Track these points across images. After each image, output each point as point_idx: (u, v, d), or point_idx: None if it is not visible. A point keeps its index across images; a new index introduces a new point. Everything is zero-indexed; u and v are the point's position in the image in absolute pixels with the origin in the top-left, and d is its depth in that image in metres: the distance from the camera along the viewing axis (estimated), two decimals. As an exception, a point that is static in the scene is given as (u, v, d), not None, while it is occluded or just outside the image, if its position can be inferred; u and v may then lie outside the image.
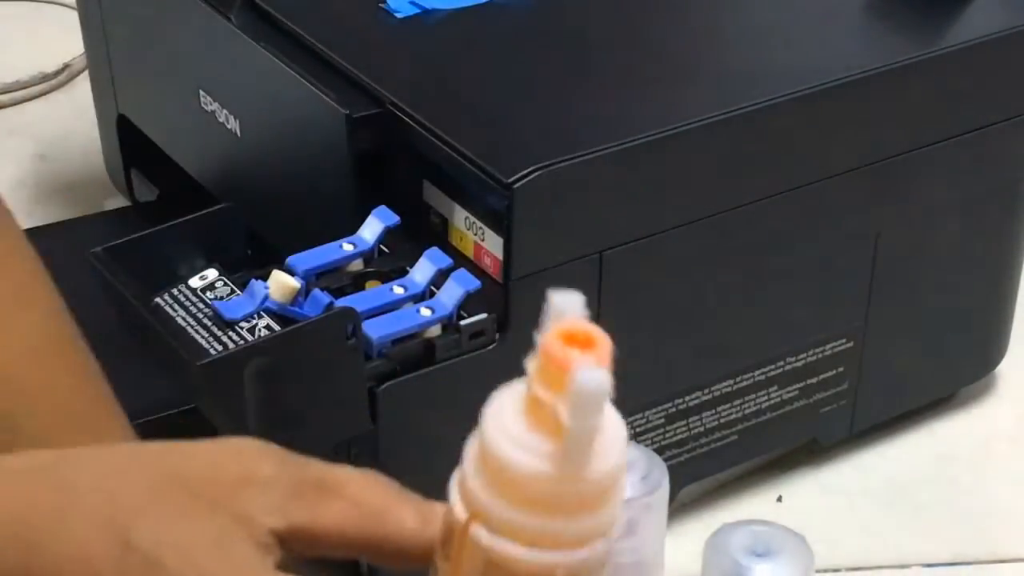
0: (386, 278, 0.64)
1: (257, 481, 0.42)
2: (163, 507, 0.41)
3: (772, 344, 0.73)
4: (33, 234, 0.85)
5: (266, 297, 0.61)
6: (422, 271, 0.64)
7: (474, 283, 0.63)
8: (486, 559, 0.41)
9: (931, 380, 0.81)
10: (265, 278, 0.62)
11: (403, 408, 0.63)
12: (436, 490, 0.66)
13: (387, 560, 0.44)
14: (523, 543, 0.41)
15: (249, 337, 0.60)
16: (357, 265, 0.65)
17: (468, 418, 0.65)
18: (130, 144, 0.89)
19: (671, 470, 0.61)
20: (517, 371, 0.65)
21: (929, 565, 0.75)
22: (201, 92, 0.76)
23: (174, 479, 0.42)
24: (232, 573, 0.41)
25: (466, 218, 0.65)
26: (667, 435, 0.72)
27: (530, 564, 0.41)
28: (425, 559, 0.43)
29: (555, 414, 0.40)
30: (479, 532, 0.41)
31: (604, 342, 0.40)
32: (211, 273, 0.64)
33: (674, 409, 0.71)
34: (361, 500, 0.44)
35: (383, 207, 0.66)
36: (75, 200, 0.98)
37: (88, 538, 0.41)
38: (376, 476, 0.44)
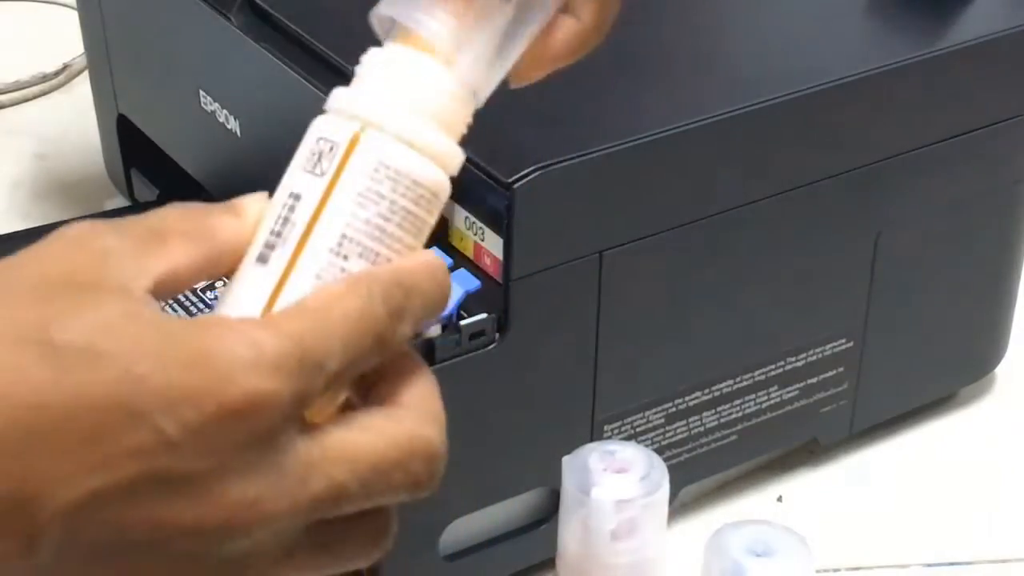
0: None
1: (111, 254, 0.44)
2: (60, 305, 0.42)
3: (772, 344, 0.73)
4: (33, 234, 0.85)
5: None
6: (422, 271, 0.64)
7: (474, 283, 0.63)
8: (377, 166, 0.45)
9: (931, 380, 0.81)
10: None
11: (403, 408, 0.62)
12: (437, 489, 0.66)
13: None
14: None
15: (249, 337, 0.60)
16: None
17: (468, 418, 0.66)
18: (130, 144, 0.89)
19: (671, 470, 0.61)
20: (517, 371, 0.66)
21: (929, 565, 0.75)
22: (201, 92, 0.76)
23: (49, 284, 0.43)
24: (157, 336, 0.41)
25: (466, 218, 0.65)
26: (667, 435, 0.72)
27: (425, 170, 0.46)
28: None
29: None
30: (374, 138, 0.44)
31: None
32: (211, 273, 0.64)
33: (674, 409, 0.71)
34: (187, 230, 0.46)
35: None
36: (75, 200, 0.98)
37: (14, 355, 0.41)
38: (175, 205, 0.46)
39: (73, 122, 1.05)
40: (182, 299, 0.62)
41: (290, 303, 0.44)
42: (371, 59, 0.48)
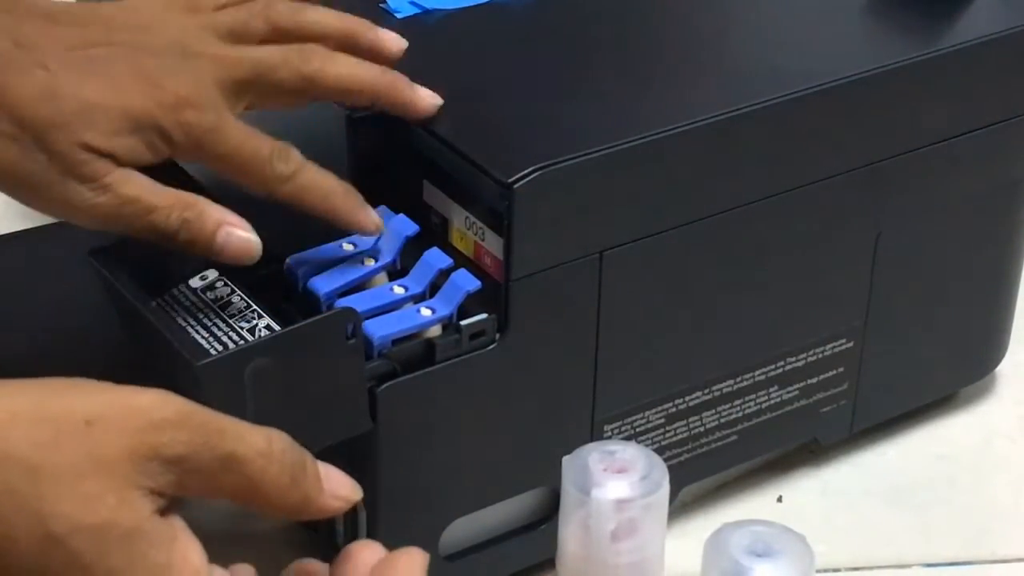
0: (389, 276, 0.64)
1: (165, 457, 0.46)
2: (81, 490, 0.44)
3: (772, 344, 0.73)
4: (33, 234, 0.85)
5: None
6: (422, 271, 0.64)
7: (474, 283, 0.63)
8: None
9: (931, 380, 0.81)
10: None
11: (403, 408, 0.63)
12: (437, 488, 0.67)
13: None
14: None
15: (249, 337, 0.60)
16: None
17: (468, 418, 0.66)
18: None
19: (671, 470, 0.61)
20: (517, 371, 0.66)
21: (929, 565, 0.75)
22: (201, 92, 0.76)
23: (93, 459, 0.45)
24: (143, 565, 0.46)
25: (466, 218, 0.65)
26: (667, 435, 0.72)
27: None
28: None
29: None
30: None
31: None
32: (211, 273, 0.64)
33: (674, 409, 0.71)
34: (252, 477, 0.49)
35: (383, 207, 0.66)
36: (75, 200, 0.98)
37: (10, 519, 0.44)
38: (279, 449, 0.50)
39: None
40: (182, 299, 0.62)
41: None
42: None
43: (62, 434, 0.46)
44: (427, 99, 0.64)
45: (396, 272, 0.65)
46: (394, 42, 0.66)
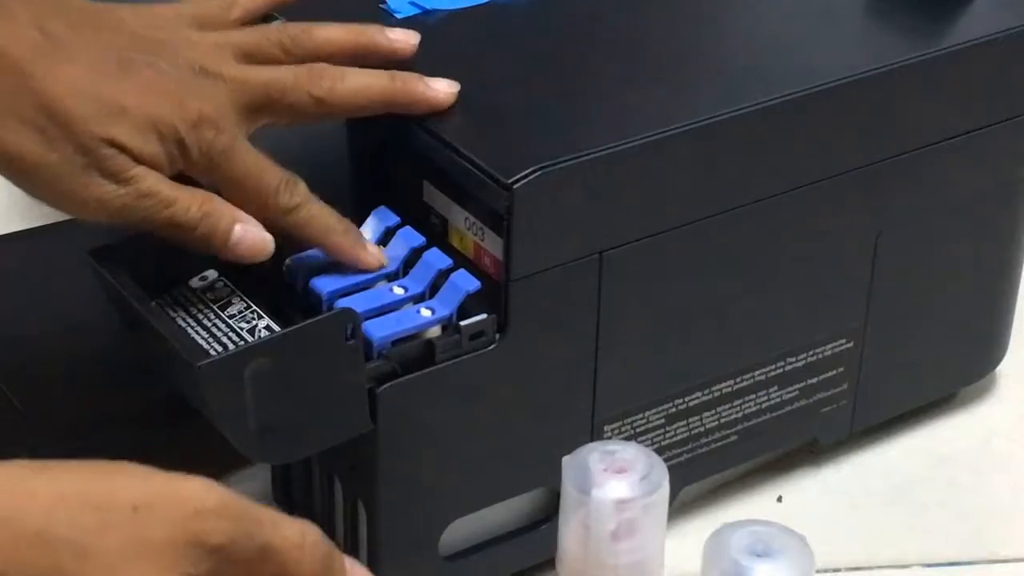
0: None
1: (208, 545, 0.48)
2: (127, 574, 0.46)
3: (772, 344, 0.73)
4: (33, 234, 0.85)
5: None
6: (422, 272, 0.64)
7: (474, 284, 0.63)
8: None
9: (931, 380, 0.81)
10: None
11: (403, 408, 0.63)
12: (437, 489, 0.67)
13: None
14: None
15: (249, 338, 0.60)
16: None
17: (468, 418, 0.66)
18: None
19: (671, 470, 0.61)
20: (517, 371, 0.66)
21: (929, 565, 0.75)
22: (201, 92, 0.76)
23: (139, 544, 0.46)
24: None
25: (466, 218, 0.65)
26: (667, 435, 0.72)
27: None
28: None
29: None
30: None
31: None
32: (211, 273, 0.64)
33: (674, 409, 0.71)
34: (287, 567, 0.50)
35: (383, 208, 0.66)
36: (75, 200, 0.98)
37: None
38: (312, 542, 0.52)
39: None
40: (182, 300, 0.63)
41: None
42: None
43: (109, 519, 0.47)
44: (444, 89, 0.65)
45: (396, 273, 0.65)
46: (406, 41, 0.67)
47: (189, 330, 0.61)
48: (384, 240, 0.66)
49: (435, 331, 0.63)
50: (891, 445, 0.81)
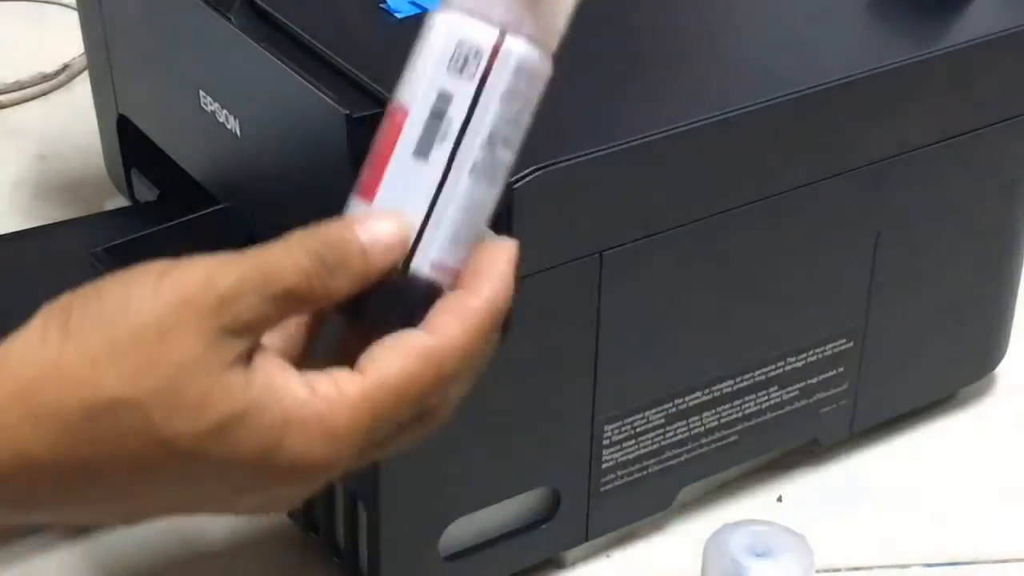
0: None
1: (236, 330, 0.47)
2: (186, 401, 0.45)
3: (772, 344, 0.73)
4: (33, 234, 0.85)
5: None
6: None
7: (474, 283, 0.63)
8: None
9: (931, 380, 0.81)
10: None
11: (403, 408, 0.62)
12: (437, 489, 0.67)
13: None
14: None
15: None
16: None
17: (468, 418, 0.65)
18: (130, 144, 0.89)
19: (671, 470, 0.61)
20: (517, 371, 0.65)
21: (929, 565, 0.75)
22: (201, 92, 0.76)
23: (180, 368, 0.46)
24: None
25: (466, 218, 0.65)
26: (667, 435, 0.72)
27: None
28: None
29: None
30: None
31: None
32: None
33: (674, 409, 0.71)
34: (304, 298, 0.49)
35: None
36: (75, 200, 0.98)
37: (143, 453, 0.45)
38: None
39: (73, 122, 1.05)
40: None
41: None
42: None
43: (144, 359, 0.46)
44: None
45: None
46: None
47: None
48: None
49: (435, 331, 0.63)
50: (891, 445, 0.81)
